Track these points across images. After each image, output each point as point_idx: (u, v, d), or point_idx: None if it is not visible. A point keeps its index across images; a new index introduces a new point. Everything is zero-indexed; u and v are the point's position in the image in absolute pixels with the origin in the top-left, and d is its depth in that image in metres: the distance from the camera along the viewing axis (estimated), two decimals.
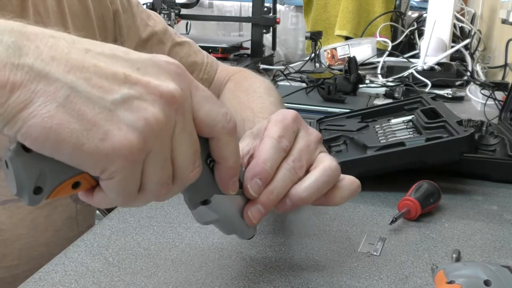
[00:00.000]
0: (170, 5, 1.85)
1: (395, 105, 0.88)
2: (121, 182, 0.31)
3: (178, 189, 0.35)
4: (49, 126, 0.28)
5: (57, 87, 0.28)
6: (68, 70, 0.29)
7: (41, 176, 0.30)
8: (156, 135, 0.30)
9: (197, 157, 0.34)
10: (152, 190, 0.33)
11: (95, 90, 0.29)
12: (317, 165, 0.44)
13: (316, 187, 0.43)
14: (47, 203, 0.63)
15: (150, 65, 0.32)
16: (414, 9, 2.19)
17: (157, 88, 0.31)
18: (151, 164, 0.31)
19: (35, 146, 0.29)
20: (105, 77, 0.30)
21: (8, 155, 0.30)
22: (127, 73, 0.31)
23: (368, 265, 0.49)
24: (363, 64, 1.62)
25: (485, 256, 0.52)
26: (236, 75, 0.83)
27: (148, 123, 0.30)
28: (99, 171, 0.30)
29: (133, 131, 0.29)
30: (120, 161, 0.29)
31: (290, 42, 2.60)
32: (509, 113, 0.96)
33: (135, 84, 0.30)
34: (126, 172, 0.30)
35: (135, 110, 0.30)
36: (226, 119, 0.35)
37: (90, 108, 0.29)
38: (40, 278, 0.46)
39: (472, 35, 1.79)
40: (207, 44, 1.69)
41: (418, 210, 0.58)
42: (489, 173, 0.72)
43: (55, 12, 0.63)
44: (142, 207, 0.60)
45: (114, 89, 0.30)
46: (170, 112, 0.31)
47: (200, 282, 0.46)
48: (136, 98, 0.30)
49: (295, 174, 0.43)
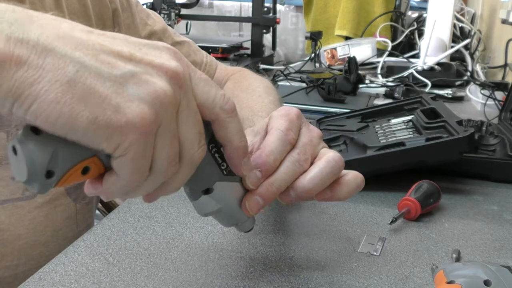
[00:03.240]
0: (170, 5, 1.85)
1: (395, 105, 0.88)
2: (134, 158, 0.31)
3: (186, 171, 0.35)
4: (63, 101, 0.28)
5: (66, 62, 0.28)
6: (75, 47, 0.29)
7: (52, 158, 0.29)
8: (165, 108, 0.31)
9: (201, 137, 0.34)
10: (160, 168, 0.33)
11: (103, 66, 0.30)
12: (321, 157, 0.44)
13: (321, 178, 0.43)
14: (46, 202, 0.63)
15: (150, 47, 0.33)
16: (414, 9, 2.19)
17: (161, 65, 0.32)
18: (161, 138, 0.32)
19: (47, 124, 0.28)
20: (112, 54, 0.30)
21: (17, 139, 0.29)
22: (131, 51, 0.31)
23: (368, 265, 0.49)
24: (363, 64, 1.62)
25: (485, 256, 0.52)
26: (235, 75, 0.83)
27: (158, 96, 0.30)
28: (113, 147, 0.30)
29: (144, 103, 0.30)
30: (134, 133, 0.30)
31: (290, 42, 2.60)
32: (509, 113, 0.96)
33: (140, 62, 0.31)
34: (139, 146, 0.30)
35: (144, 84, 0.30)
36: (223, 100, 0.36)
37: (100, 82, 0.29)
38: (40, 278, 0.46)
39: (472, 35, 1.79)
40: (207, 44, 1.69)
41: (418, 210, 0.58)
42: (489, 173, 0.72)
43: (52, 10, 0.63)
44: (142, 207, 0.60)
45: (120, 65, 0.30)
46: (176, 87, 0.32)
47: (200, 282, 0.46)
48: (143, 73, 0.31)
49: (299, 167, 0.43)
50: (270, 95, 0.69)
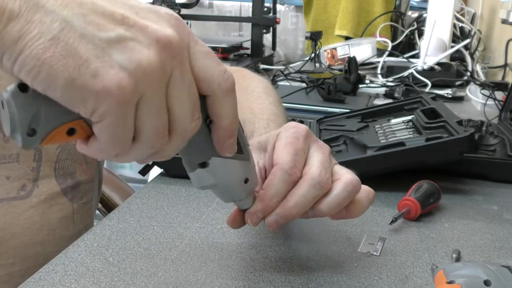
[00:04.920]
0: (170, 5, 1.85)
1: (395, 105, 0.88)
2: (112, 125, 0.30)
3: (177, 143, 0.34)
4: (43, 58, 0.28)
5: (53, 19, 0.28)
6: (66, 5, 0.29)
7: (35, 117, 0.30)
8: (149, 79, 0.30)
9: (196, 109, 0.33)
10: (146, 139, 0.32)
11: (90, 27, 0.29)
12: (338, 179, 0.45)
13: (338, 202, 0.44)
14: (41, 201, 0.63)
15: (150, 12, 0.32)
16: (414, 9, 2.19)
17: (154, 32, 0.30)
18: (144, 110, 0.31)
19: (29, 79, 0.28)
20: (102, 15, 0.30)
21: (5, 95, 0.30)
22: (125, 14, 0.30)
23: (368, 265, 0.49)
24: (363, 64, 1.62)
25: (485, 256, 0.52)
26: (234, 75, 0.83)
27: (141, 65, 0.29)
28: (89, 111, 0.29)
29: (124, 71, 0.29)
30: (110, 101, 0.29)
31: (290, 42, 2.60)
32: (509, 113, 0.96)
33: (132, 26, 0.30)
34: (116, 114, 0.30)
35: (128, 51, 0.29)
36: (223, 77, 0.34)
37: (83, 44, 0.29)
38: (40, 278, 0.46)
39: (472, 35, 1.79)
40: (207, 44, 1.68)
41: (418, 210, 0.58)
42: (489, 173, 0.72)
43: None
44: (142, 207, 0.60)
45: (109, 28, 0.29)
46: (166, 57, 0.31)
47: (200, 282, 0.46)
48: (131, 39, 0.30)
49: (320, 189, 0.44)
50: (269, 95, 0.69)
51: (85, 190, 0.69)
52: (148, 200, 0.62)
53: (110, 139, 0.31)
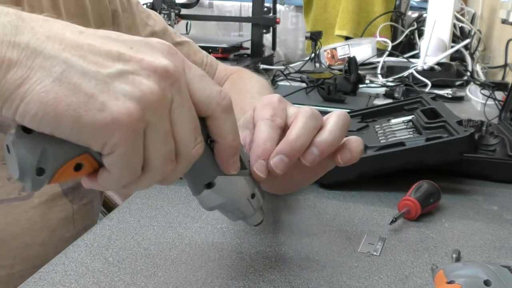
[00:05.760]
0: (170, 5, 1.85)
1: (395, 105, 0.88)
2: (123, 155, 0.31)
3: (183, 168, 0.35)
4: (46, 101, 0.28)
5: (53, 63, 0.29)
6: (63, 48, 0.29)
7: (43, 156, 0.30)
8: (154, 107, 0.31)
9: (197, 133, 0.34)
10: (156, 166, 0.33)
11: (90, 66, 0.30)
12: (328, 117, 0.45)
13: (338, 129, 0.44)
14: (42, 202, 0.63)
15: (143, 45, 0.33)
16: (414, 9, 2.20)
17: (151, 64, 0.31)
18: (152, 137, 0.31)
19: (34, 124, 0.29)
20: (99, 55, 0.30)
21: (9, 138, 0.30)
22: (121, 51, 0.31)
23: (368, 265, 0.49)
24: (363, 64, 1.62)
25: (485, 256, 0.52)
26: (233, 75, 0.83)
27: (144, 95, 0.30)
28: (100, 145, 0.30)
29: (130, 100, 0.30)
30: (120, 131, 0.30)
31: (290, 42, 2.60)
32: (509, 113, 0.96)
33: (129, 61, 0.31)
34: (127, 144, 0.30)
35: (130, 83, 0.30)
36: (220, 97, 0.35)
37: (86, 81, 0.29)
38: (40, 278, 0.46)
39: (472, 35, 1.79)
40: (207, 44, 1.69)
41: (418, 210, 0.58)
42: (489, 173, 0.72)
43: (50, 12, 0.63)
44: (142, 207, 0.60)
45: (108, 65, 0.30)
46: (165, 85, 0.32)
47: (200, 282, 0.46)
48: (131, 72, 0.31)
49: (316, 121, 0.44)
50: (263, 95, 0.69)
51: (86, 191, 0.69)
52: (148, 200, 0.62)
53: (122, 169, 0.31)
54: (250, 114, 0.47)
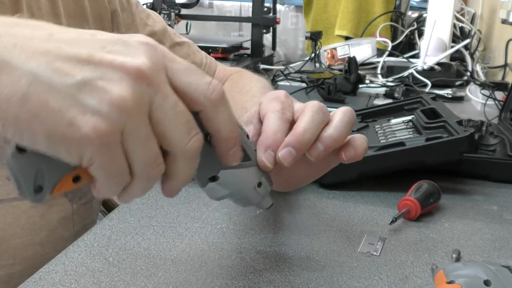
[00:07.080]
0: (170, 5, 1.85)
1: (395, 105, 0.88)
2: (103, 166, 0.30)
3: (184, 164, 0.34)
4: (19, 119, 0.28)
5: (19, 75, 0.28)
6: (31, 56, 0.29)
7: (38, 175, 0.30)
8: (126, 114, 0.29)
9: (191, 127, 0.33)
10: (141, 171, 0.32)
11: (56, 75, 0.29)
12: (334, 113, 0.45)
13: (343, 125, 0.43)
14: None
15: (118, 44, 0.31)
16: (414, 9, 2.20)
17: (123, 65, 0.30)
18: (130, 143, 0.30)
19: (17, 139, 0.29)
20: (67, 59, 0.29)
21: (6, 159, 0.30)
22: (91, 52, 0.30)
23: (368, 265, 0.49)
24: (363, 64, 1.62)
25: (485, 256, 0.52)
26: (233, 75, 0.83)
27: (114, 105, 0.29)
28: (76, 159, 0.29)
29: (96, 114, 0.28)
30: (92, 146, 0.29)
31: (290, 42, 2.60)
32: (509, 113, 0.96)
33: (99, 64, 0.29)
34: (102, 155, 0.29)
35: (98, 92, 0.29)
36: (209, 89, 0.33)
37: (52, 95, 0.28)
38: (40, 278, 0.46)
39: (472, 35, 1.79)
40: (207, 44, 1.69)
41: (418, 210, 0.58)
42: (489, 173, 0.72)
43: (49, 14, 0.63)
44: (142, 207, 0.60)
45: (75, 72, 0.29)
46: (141, 87, 0.30)
47: (200, 282, 0.46)
48: (99, 78, 0.29)
49: (323, 115, 0.43)
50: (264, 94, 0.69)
51: (85, 191, 0.69)
52: (148, 200, 0.62)
53: (108, 178, 0.31)
54: (255, 109, 0.47)
